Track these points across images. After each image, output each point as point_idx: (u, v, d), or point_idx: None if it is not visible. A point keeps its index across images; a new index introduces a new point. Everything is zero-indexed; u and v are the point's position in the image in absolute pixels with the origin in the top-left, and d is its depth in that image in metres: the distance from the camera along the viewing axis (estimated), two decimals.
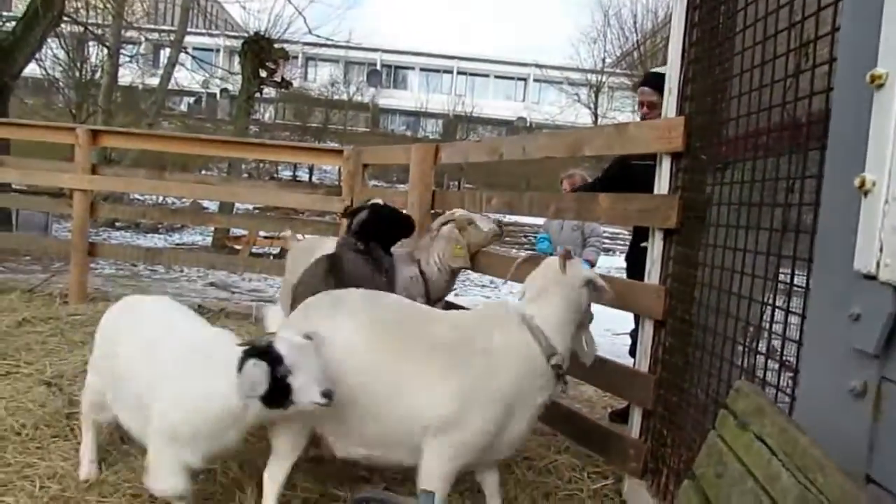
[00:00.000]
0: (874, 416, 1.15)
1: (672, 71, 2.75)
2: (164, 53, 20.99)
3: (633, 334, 4.09)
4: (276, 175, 23.02)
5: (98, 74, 18.27)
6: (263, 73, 14.16)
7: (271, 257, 10.42)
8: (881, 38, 1.13)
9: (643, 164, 3.40)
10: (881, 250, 1.12)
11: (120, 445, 3.00)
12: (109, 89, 17.46)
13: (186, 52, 19.48)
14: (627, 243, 4.63)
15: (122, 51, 18.61)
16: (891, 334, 1.13)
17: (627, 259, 4.42)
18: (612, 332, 6.90)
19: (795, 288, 1.84)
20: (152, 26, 24.33)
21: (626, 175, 3.96)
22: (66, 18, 12.09)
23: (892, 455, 1.12)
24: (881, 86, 1.12)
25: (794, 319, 1.79)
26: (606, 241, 17.95)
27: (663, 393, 2.69)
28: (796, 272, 1.84)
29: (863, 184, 1.15)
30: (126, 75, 21.51)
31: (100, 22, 16.98)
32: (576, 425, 3.21)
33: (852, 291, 1.20)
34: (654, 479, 2.71)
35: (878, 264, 1.12)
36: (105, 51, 17.01)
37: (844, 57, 1.33)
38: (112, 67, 17.43)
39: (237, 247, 11.79)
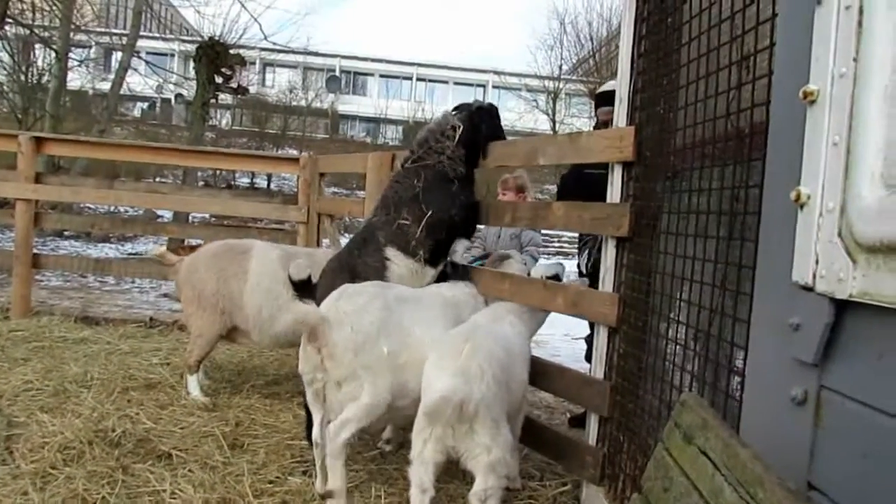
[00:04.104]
0: (815, 424, 1.18)
1: (622, 81, 2.79)
2: (116, 57, 20.35)
3: (589, 339, 4.13)
4: (233, 182, 22.60)
5: (45, 78, 17.63)
6: (219, 80, 13.89)
7: None
8: (812, 56, 1.16)
9: (597, 172, 3.44)
10: (817, 262, 1.14)
11: (63, 468, 2.88)
12: (58, 94, 16.82)
13: (139, 57, 18.99)
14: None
15: (71, 54, 17.97)
16: (829, 344, 1.16)
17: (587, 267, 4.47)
18: (570, 336, 6.99)
19: (744, 295, 1.87)
20: (103, 29, 23.63)
21: (581, 184, 4.02)
22: (9, 20, 11.64)
23: (832, 462, 1.14)
24: (813, 102, 1.15)
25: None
26: (566, 244, 18.22)
27: (619, 399, 2.71)
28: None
29: (798, 197, 1.17)
30: (76, 79, 20.82)
31: (47, 24, 16.42)
32: (534, 432, 3.21)
33: (792, 302, 1.22)
34: (611, 484, 2.73)
35: (814, 276, 1.15)
36: (53, 54, 16.45)
37: (779, 73, 1.36)
38: (60, 71, 16.83)
39: None
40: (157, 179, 19.12)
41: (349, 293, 2.86)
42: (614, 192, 2.80)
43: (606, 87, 4.30)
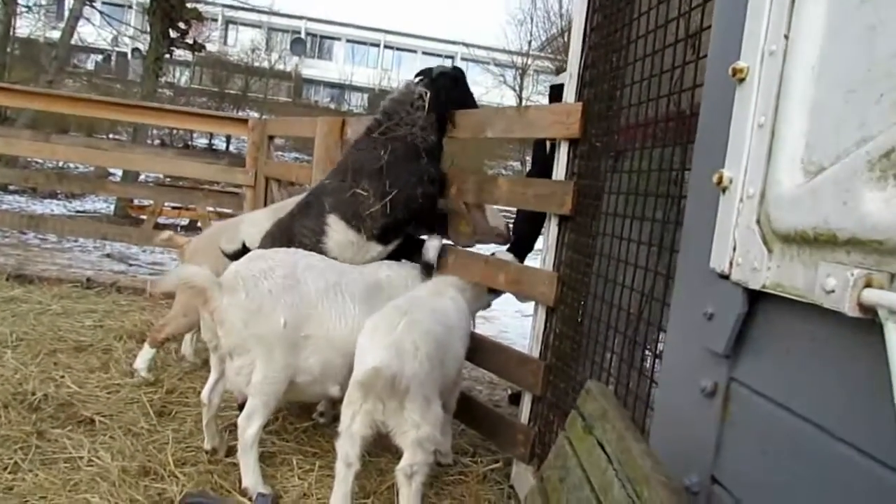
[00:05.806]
0: (722, 417, 1.14)
1: (573, 55, 2.72)
2: (68, 5, 19.31)
3: None
4: (190, 143, 21.90)
5: None
6: (174, 34, 13.29)
7: (179, 229, 9.89)
8: (745, 31, 1.10)
9: None
10: (734, 249, 1.09)
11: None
12: (3, 40, 15.94)
13: (92, 6, 18.05)
14: None
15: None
16: (741, 336, 1.11)
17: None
18: (521, 313, 6.99)
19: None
20: None
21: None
22: None
23: (735, 456, 1.11)
24: (742, 80, 1.09)
25: None
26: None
27: (552, 379, 2.69)
28: None
29: (720, 180, 1.12)
30: (24, 26, 19.73)
31: None
32: (469, 409, 3.19)
33: (708, 290, 1.18)
34: (539, 463, 2.72)
35: (731, 263, 1.10)
36: None
37: (714, 50, 1.29)
38: (6, 16, 15.90)
39: (143, 217, 11.14)
40: (111, 136, 18.38)
41: (255, 257, 2.74)
42: (560, 169, 2.74)
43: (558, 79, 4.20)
